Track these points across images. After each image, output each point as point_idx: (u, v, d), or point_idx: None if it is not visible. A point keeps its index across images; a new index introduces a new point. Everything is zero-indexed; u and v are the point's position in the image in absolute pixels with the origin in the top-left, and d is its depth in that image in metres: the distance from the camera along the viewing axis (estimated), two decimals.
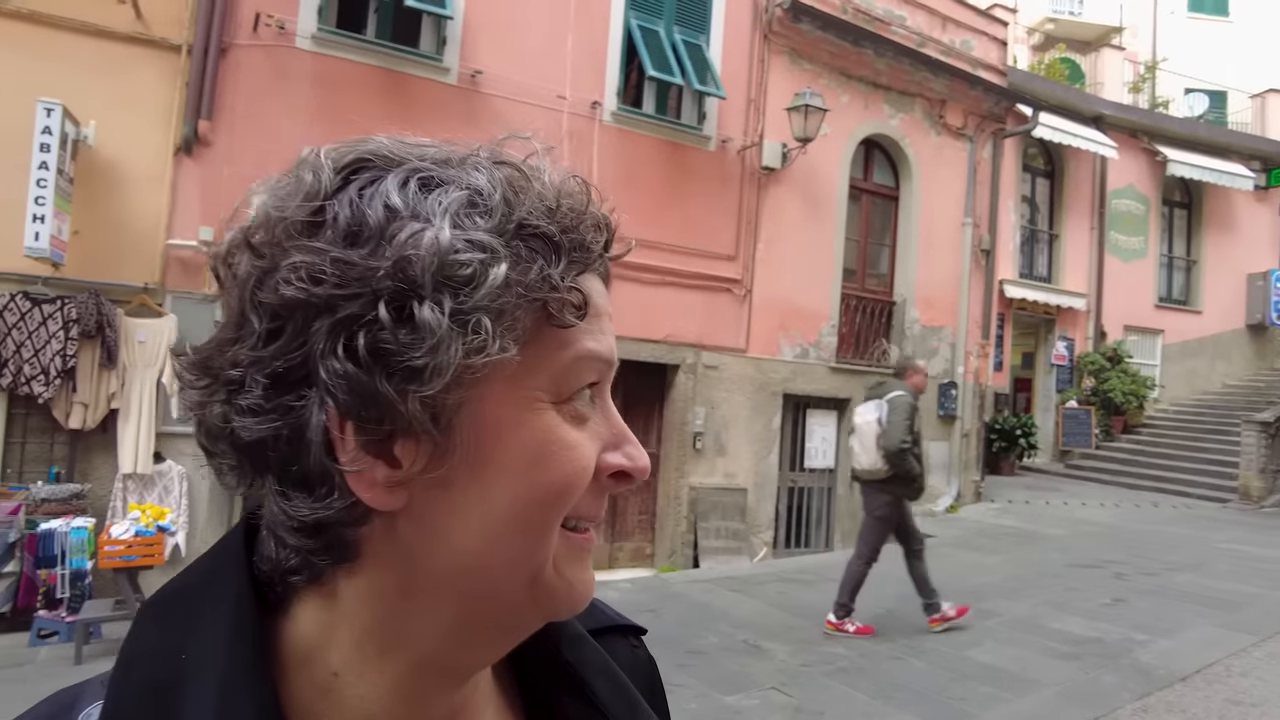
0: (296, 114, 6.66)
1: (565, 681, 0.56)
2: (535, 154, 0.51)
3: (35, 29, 5.90)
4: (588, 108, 7.72)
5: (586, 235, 0.48)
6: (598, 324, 0.48)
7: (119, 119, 6.08)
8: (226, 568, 0.46)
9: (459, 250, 0.41)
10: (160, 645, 0.44)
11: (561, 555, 0.47)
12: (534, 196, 0.46)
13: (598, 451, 0.48)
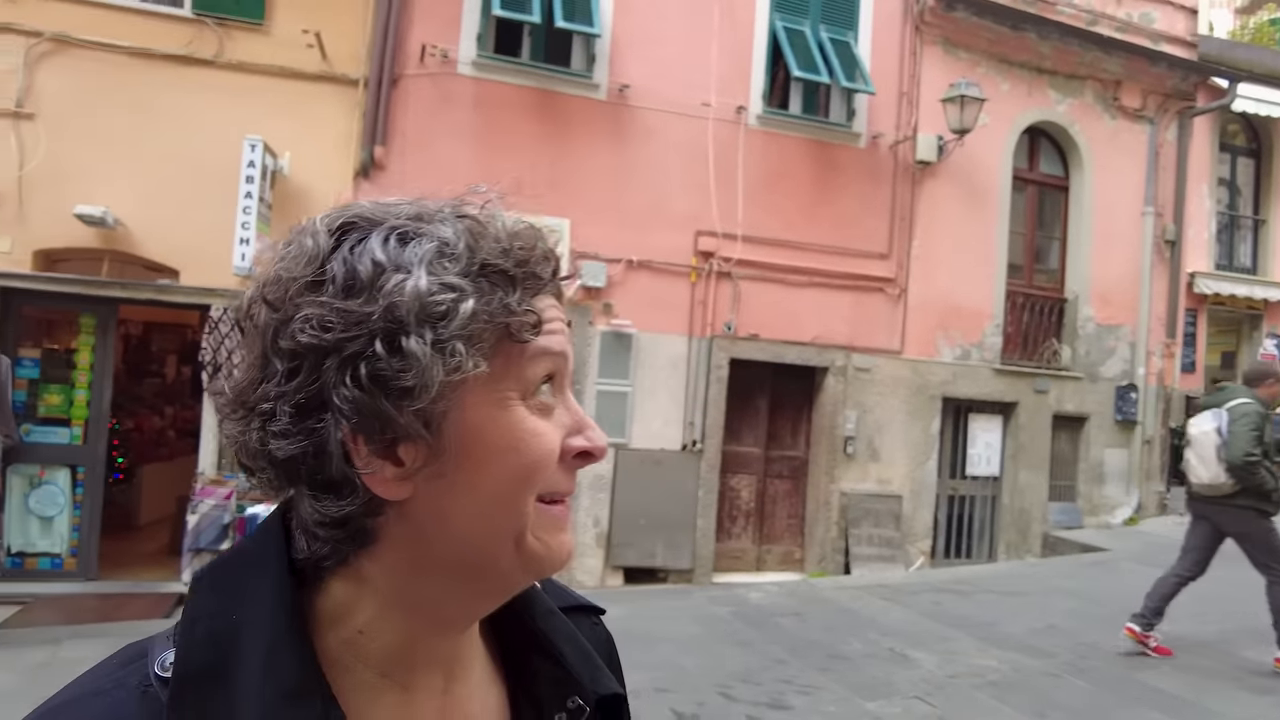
0: (460, 135, 7.18)
1: (537, 646, 0.66)
2: (490, 202, 0.60)
3: (242, 76, 6.72)
4: (733, 113, 7.79)
5: (536, 267, 0.57)
6: (549, 328, 0.58)
7: (307, 149, 6.79)
8: (268, 548, 0.57)
9: (434, 293, 0.51)
10: (217, 608, 0.54)
11: (539, 524, 0.57)
12: (490, 240, 0.55)
13: (562, 436, 0.58)
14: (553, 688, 0.65)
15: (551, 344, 0.58)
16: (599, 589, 7.31)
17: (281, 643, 0.53)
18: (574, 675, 0.65)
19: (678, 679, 4.89)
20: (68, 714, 0.52)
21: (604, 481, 7.44)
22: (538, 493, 0.57)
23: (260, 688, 0.51)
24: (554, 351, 0.58)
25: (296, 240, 0.55)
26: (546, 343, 0.57)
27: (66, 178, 6.30)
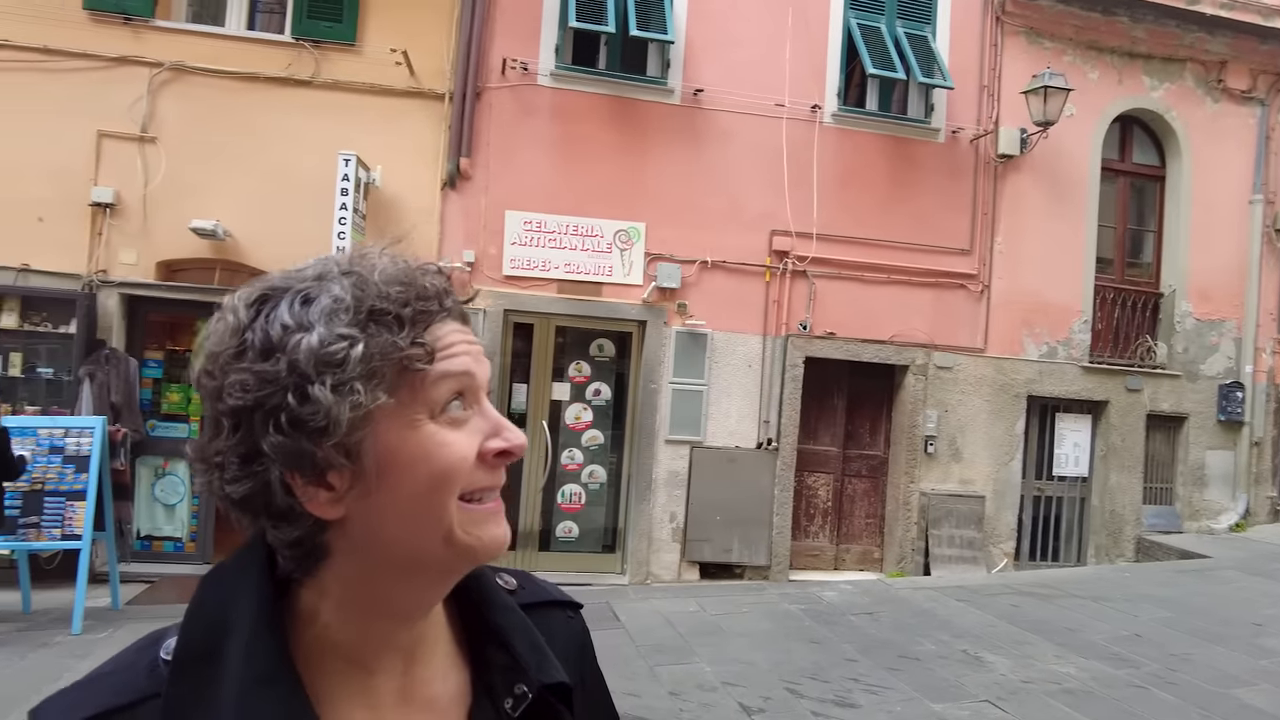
0: (539, 144, 7.45)
1: (493, 637, 0.75)
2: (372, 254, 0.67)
3: (337, 94, 7.16)
4: (807, 112, 7.81)
5: (421, 304, 0.64)
6: (449, 352, 0.65)
7: (398, 161, 7.18)
8: (253, 559, 0.66)
9: (329, 343, 0.60)
10: (213, 603, 0.64)
11: (466, 521, 0.65)
12: (373, 289, 0.62)
13: (479, 441, 0.66)
14: (503, 675, 0.73)
15: (451, 367, 0.65)
16: (675, 583, 7.48)
17: (258, 637, 0.62)
18: (522, 664, 0.73)
19: (746, 674, 5.01)
20: (91, 687, 0.63)
21: (679, 478, 7.60)
22: (459, 492, 0.64)
23: (240, 671, 0.60)
24: (454, 373, 0.65)
25: (223, 317, 0.63)
26: (445, 367, 0.64)
27: (183, 194, 6.88)
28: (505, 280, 7.39)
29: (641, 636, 5.72)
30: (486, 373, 0.69)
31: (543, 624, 0.79)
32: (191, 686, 0.60)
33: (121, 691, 0.61)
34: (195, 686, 0.60)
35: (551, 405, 7.69)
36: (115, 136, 6.86)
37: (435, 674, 0.72)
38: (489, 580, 0.78)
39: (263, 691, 0.60)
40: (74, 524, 5.80)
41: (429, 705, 0.70)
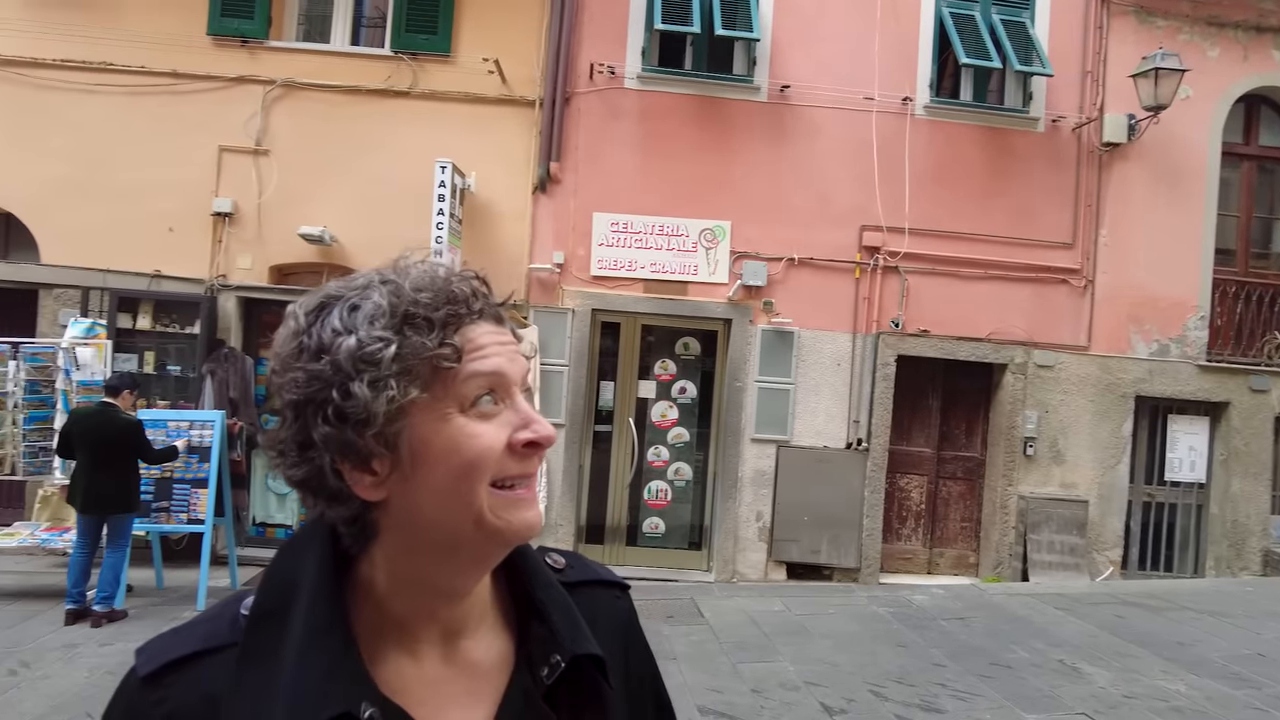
0: (626, 146, 7.57)
1: (536, 611, 0.80)
2: (410, 263, 0.74)
3: (434, 104, 7.48)
4: (898, 104, 7.64)
5: (449, 308, 0.70)
6: (479, 353, 0.71)
7: (491, 167, 7.43)
8: (318, 533, 0.74)
9: (367, 345, 0.67)
10: (285, 568, 0.73)
11: (498, 505, 0.71)
12: (406, 297, 0.69)
13: (508, 433, 0.71)
14: (541, 646, 0.78)
15: (480, 366, 0.71)
16: (761, 582, 7.47)
17: (318, 596, 0.71)
18: (558, 636, 0.78)
19: (829, 674, 4.97)
20: (185, 633, 0.73)
21: (766, 477, 7.58)
22: (488, 479, 0.70)
23: (302, 625, 0.69)
24: (483, 372, 0.71)
25: (286, 322, 0.72)
26: (475, 366, 0.70)
27: (293, 203, 7.32)
28: (593, 280, 7.54)
29: (726, 634, 5.75)
30: (520, 370, 0.74)
31: (587, 601, 0.85)
32: (263, 638, 0.70)
33: (208, 639, 0.71)
34: (266, 638, 0.70)
35: (638, 403, 7.80)
36: (234, 151, 7.38)
37: (479, 642, 0.79)
38: (535, 559, 0.85)
39: (319, 640, 0.68)
40: (197, 509, 6.28)
41: (471, 669, 0.77)
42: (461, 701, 0.75)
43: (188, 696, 0.68)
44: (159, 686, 0.69)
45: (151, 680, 0.69)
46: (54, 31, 7.24)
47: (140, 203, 7.28)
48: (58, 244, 7.35)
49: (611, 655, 0.82)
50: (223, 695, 0.68)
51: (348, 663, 0.69)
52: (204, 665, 0.70)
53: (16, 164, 7.29)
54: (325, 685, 0.67)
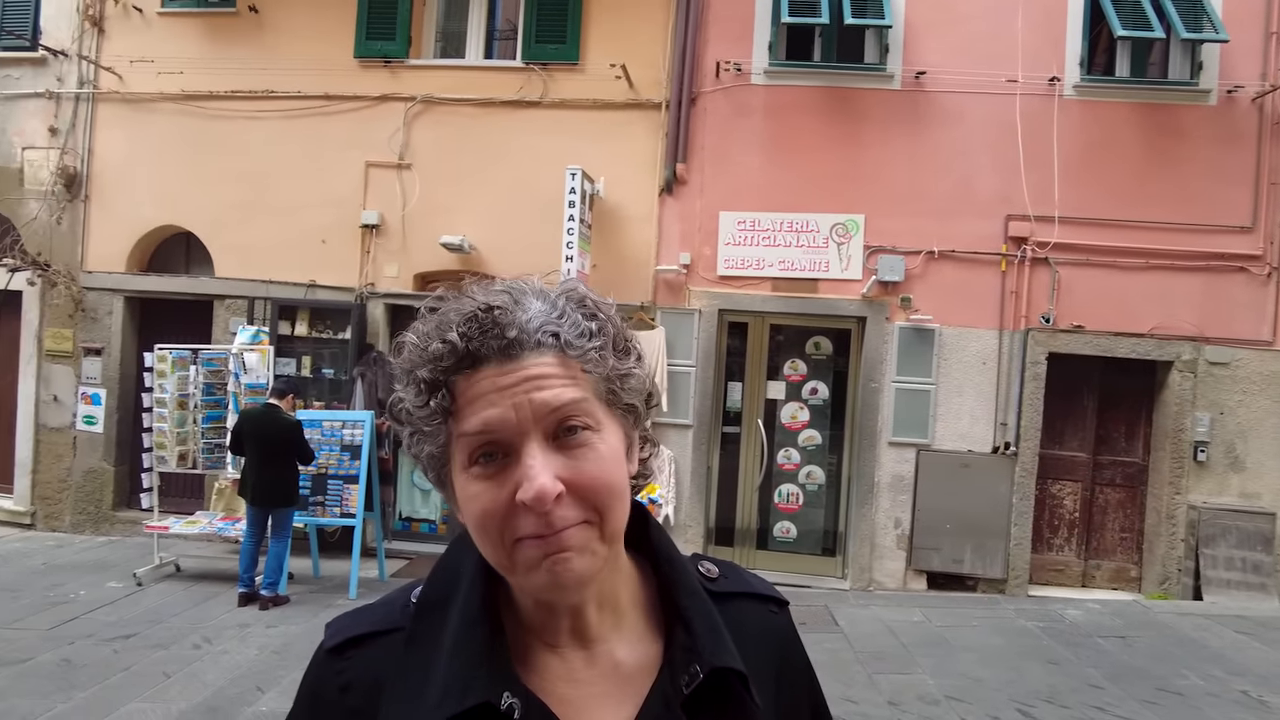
0: (753, 144, 7.47)
1: (679, 618, 0.79)
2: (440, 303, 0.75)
3: (564, 112, 7.64)
4: (1044, 85, 7.15)
5: (437, 363, 0.70)
6: (471, 408, 0.70)
7: (620, 171, 7.51)
8: None
9: (395, 403, 0.74)
10: (453, 561, 0.80)
11: (521, 559, 0.70)
12: (409, 354, 0.72)
13: (508, 493, 0.69)
14: (683, 654, 0.77)
15: (467, 426, 0.70)
16: (899, 591, 7.17)
17: (473, 588, 0.76)
18: (699, 646, 0.76)
19: (972, 690, 4.71)
20: (363, 614, 0.80)
21: (904, 483, 7.27)
22: (502, 537, 0.70)
23: (457, 617, 0.75)
24: (469, 432, 0.70)
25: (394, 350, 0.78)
26: (463, 426, 0.70)
27: (434, 213, 7.68)
28: (720, 280, 7.48)
29: (861, 643, 5.56)
30: (528, 414, 0.69)
31: (736, 613, 0.83)
32: (427, 625, 0.76)
33: (381, 621, 0.79)
34: (430, 625, 0.76)
35: (767, 404, 7.67)
36: (379, 166, 7.82)
37: (624, 645, 0.78)
38: (684, 566, 0.83)
39: (471, 631, 0.73)
40: (349, 504, 6.69)
41: (614, 671, 0.77)
42: (603, 702, 0.75)
43: (361, 671, 0.76)
44: (340, 659, 0.77)
45: (335, 653, 0.77)
46: (225, 66, 7.92)
47: (297, 218, 7.84)
48: (229, 259, 8.03)
49: (760, 670, 0.80)
50: (387, 673, 0.75)
51: (493, 653, 0.73)
52: (377, 644, 0.77)
53: (196, 189, 8.02)
54: (471, 673, 0.71)
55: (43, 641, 5.39)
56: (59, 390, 8.19)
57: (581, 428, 0.70)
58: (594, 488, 0.70)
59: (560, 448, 0.70)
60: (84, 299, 8.10)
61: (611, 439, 0.73)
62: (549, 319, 0.71)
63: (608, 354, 0.74)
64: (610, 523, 0.72)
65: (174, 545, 7.28)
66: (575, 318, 0.73)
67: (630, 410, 0.76)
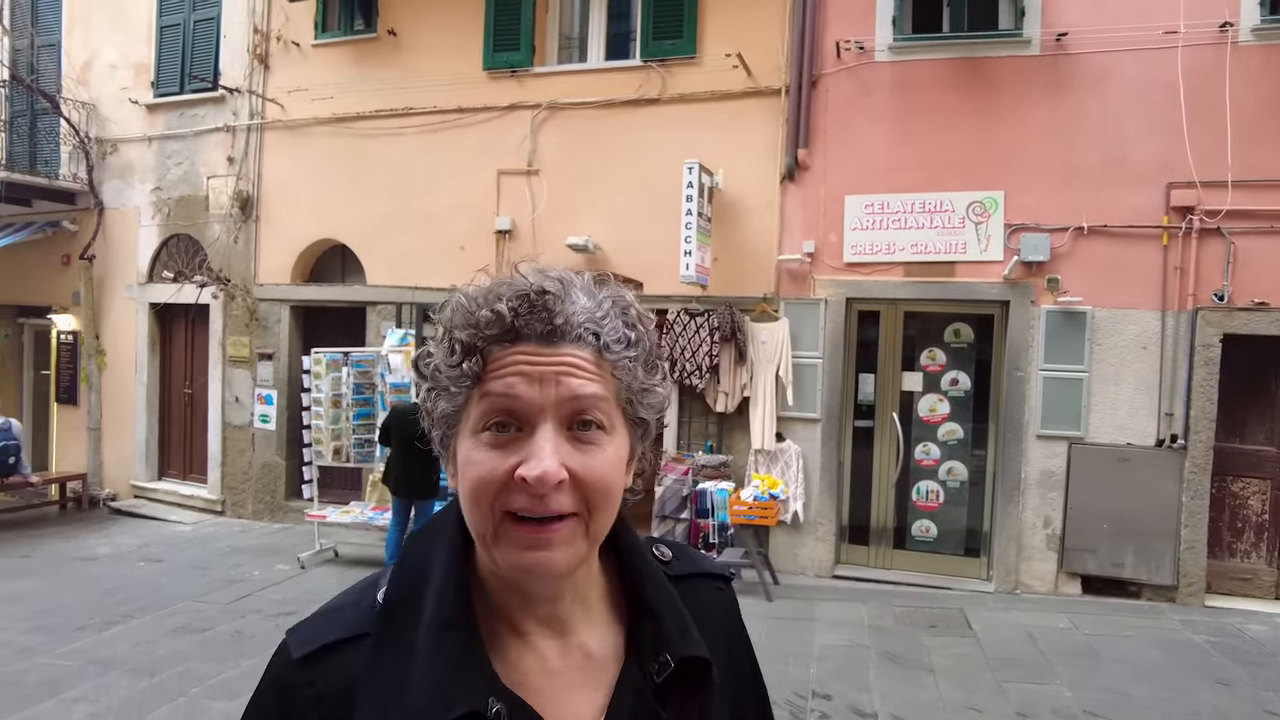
0: (878, 123, 7.16)
1: (645, 610, 0.81)
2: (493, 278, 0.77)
3: (682, 106, 7.64)
4: (1214, 33, 6.36)
5: (468, 330, 0.72)
6: (494, 375, 0.72)
7: (739, 162, 7.42)
8: (448, 521, 0.80)
9: (423, 357, 0.77)
10: (417, 557, 0.79)
11: (505, 534, 0.71)
12: (450, 314, 0.75)
13: (510, 465, 0.70)
14: (651, 644, 0.80)
15: (491, 387, 0.72)
16: (1050, 595, 6.63)
17: (445, 587, 0.75)
18: (667, 637, 0.80)
19: (1118, 706, 4.29)
20: (328, 619, 0.78)
21: (1055, 479, 6.72)
22: (494, 506, 0.71)
23: (431, 617, 0.73)
24: (493, 393, 0.71)
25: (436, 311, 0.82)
26: (489, 386, 0.72)
27: (560, 216, 7.91)
28: (846, 268, 7.23)
29: (994, 649, 5.21)
30: (552, 396, 0.71)
31: (692, 594, 0.87)
32: (396, 627, 0.75)
33: (348, 626, 0.76)
34: (399, 627, 0.75)
35: (903, 396, 7.32)
36: (509, 173, 8.15)
37: (592, 635, 0.81)
38: (645, 556, 0.86)
39: (446, 635, 0.72)
40: None
41: (585, 661, 0.79)
42: (577, 692, 0.78)
43: (333, 681, 0.73)
44: (310, 668, 0.74)
45: (304, 663, 0.74)
46: (369, 88, 8.54)
47: (438, 227, 8.32)
48: (379, 267, 8.66)
49: (714, 648, 0.83)
50: (360, 681, 0.73)
51: (472, 659, 0.72)
52: (348, 651, 0.74)
53: (349, 204, 8.71)
54: (452, 683, 0.70)
55: (222, 614, 6.06)
56: (239, 392, 9.16)
57: (596, 425, 0.73)
58: (593, 484, 0.72)
59: (571, 439, 0.72)
60: (257, 309, 9.01)
61: (619, 444, 0.76)
62: (593, 317, 0.74)
63: (638, 366, 0.76)
64: (597, 521, 0.74)
65: (335, 533, 7.93)
66: (617, 323, 0.76)
67: (641, 424, 0.79)
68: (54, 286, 10.26)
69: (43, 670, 4.98)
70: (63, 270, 10.15)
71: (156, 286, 9.62)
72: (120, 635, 5.59)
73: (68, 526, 9.06)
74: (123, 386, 9.90)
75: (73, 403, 10.28)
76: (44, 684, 4.76)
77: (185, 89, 9.40)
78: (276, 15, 8.98)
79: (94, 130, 9.88)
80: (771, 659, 5.07)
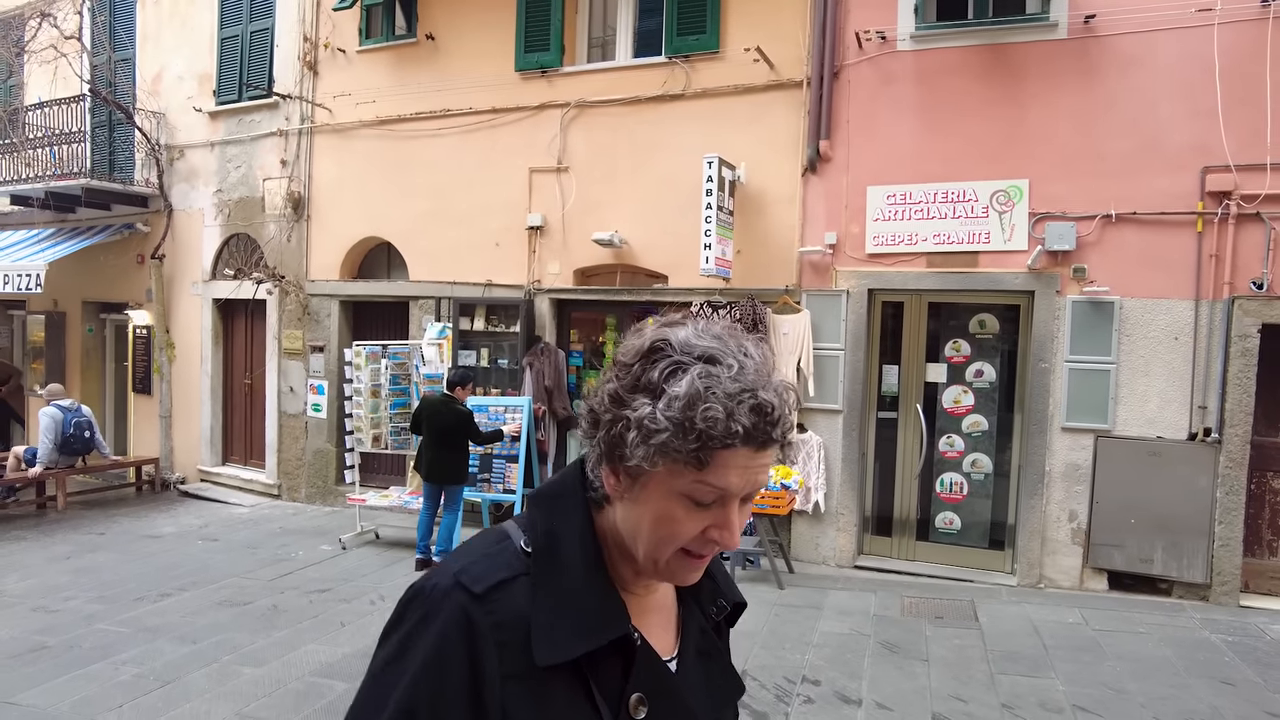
0: (901, 114, 7.10)
1: (705, 571, 1.01)
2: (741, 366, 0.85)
3: (706, 101, 7.72)
4: (1252, 8, 6.09)
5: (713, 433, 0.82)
6: (720, 473, 0.84)
7: (762, 155, 7.47)
8: (572, 485, 0.97)
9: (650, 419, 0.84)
10: (546, 516, 0.95)
11: (675, 561, 0.90)
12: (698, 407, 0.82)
13: (702, 525, 0.88)
14: (709, 594, 1.08)
15: (713, 479, 0.84)
16: (1075, 591, 6.52)
17: (584, 546, 0.93)
18: (721, 589, 1.09)
19: (1108, 702, 4.25)
20: (492, 560, 0.93)
21: (1080, 472, 6.59)
22: (677, 547, 0.89)
23: (579, 564, 0.91)
24: (712, 484, 0.85)
25: (634, 340, 0.91)
26: (709, 479, 0.84)
27: (589, 211, 8.11)
28: (869, 259, 7.20)
29: (996, 641, 5.18)
30: (753, 486, 0.87)
31: (716, 562, 1.09)
32: (544, 570, 0.91)
33: (512, 565, 0.92)
34: (546, 570, 0.91)
35: (926, 388, 7.27)
36: (540, 171, 8.38)
37: (659, 587, 1.03)
38: None
39: (593, 576, 0.92)
40: (510, 481, 7.31)
41: (660, 606, 1.03)
42: (661, 629, 1.02)
43: (508, 609, 0.88)
44: (488, 600, 0.88)
45: (484, 596, 0.88)
46: (409, 91, 8.90)
47: (474, 224, 8.63)
48: (420, 263, 9.02)
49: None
50: (527, 611, 0.89)
51: (615, 597, 0.93)
52: (515, 586, 0.90)
53: (391, 203, 9.11)
54: (605, 613, 0.91)
55: (263, 589, 6.50)
56: (294, 382, 9.69)
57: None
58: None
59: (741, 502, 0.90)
60: (309, 304, 9.52)
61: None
62: (784, 420, 0.86)
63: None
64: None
65: (379, 516, 8.36)
66: (791, 421, 0.88)
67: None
68: (130, 284, 11.05)
69: (100, 635, 5.47)
70: (137, 269, 10.91)
71: (219, 283, 10.26)
72: (171, 606, 6.08)
73: (140, 507, 9.77)
74: (190, 377, 10.60)
75: (147, 392, 11.05)
76: (99, 648, 5.24)
77: (243, 96, 9.96)
78: (324, 24, 9.43)
79: (163, 137, 10.58)
80: (770, 644, 5.18)
